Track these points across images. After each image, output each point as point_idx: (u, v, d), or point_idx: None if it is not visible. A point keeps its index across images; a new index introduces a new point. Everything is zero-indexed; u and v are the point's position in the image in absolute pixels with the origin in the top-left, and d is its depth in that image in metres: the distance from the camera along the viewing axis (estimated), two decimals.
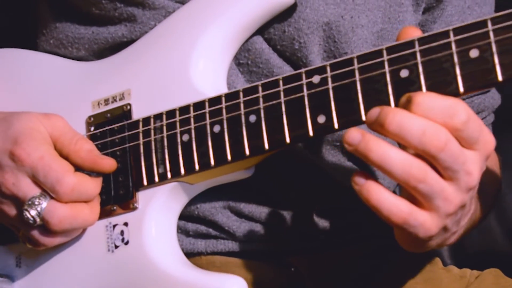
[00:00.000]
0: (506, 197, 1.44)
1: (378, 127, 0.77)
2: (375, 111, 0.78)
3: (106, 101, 1.01)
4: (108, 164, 0.96)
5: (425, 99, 0.77)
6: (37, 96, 1.06)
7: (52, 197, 0.92)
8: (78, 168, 0.95)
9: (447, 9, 1.06)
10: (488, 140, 0.79)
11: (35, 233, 0.94)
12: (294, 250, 1.04)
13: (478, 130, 0.78)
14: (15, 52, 1.10)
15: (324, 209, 1.03)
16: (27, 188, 0.93)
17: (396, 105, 0.81)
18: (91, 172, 0.95)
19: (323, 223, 1.03)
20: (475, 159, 0.79)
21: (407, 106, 0.77)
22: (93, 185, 0.95)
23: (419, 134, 0.76)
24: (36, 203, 0.92)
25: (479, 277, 1.07)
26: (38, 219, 0.92)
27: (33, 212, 0.92)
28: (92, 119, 1.01)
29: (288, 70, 0.99)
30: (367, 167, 1.02)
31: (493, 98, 1.14)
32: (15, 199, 0.93)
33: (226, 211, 1.02)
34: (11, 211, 0.95)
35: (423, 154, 0.77)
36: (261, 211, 1.01)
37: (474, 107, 1.12)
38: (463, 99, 1.10)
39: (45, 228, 0.93)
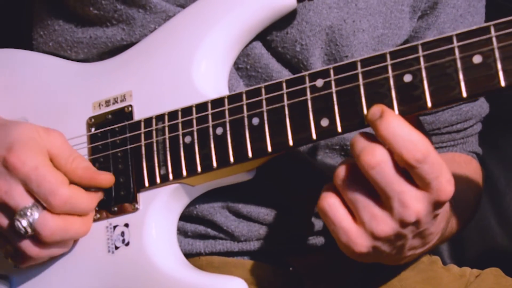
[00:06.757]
0: (506, 197, 1.45)
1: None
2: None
3: (107, 102, 1.01)
4: (106, 179, 0.96)
5: (395, 123, 0.79)
6: (37, 97, 1.06)
7: (44, 208, 0.92)
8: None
9: (440, 16, 1.07)
10: (442, 188, 0.80)
11: (26, 244, 0.94)
12: (293, 249, 1.04)
13: (434, 176, 0.79)
14: (14, 52, 1.09)
15: None
16: (20, 198, 0.92)
17: (400, 110, 0.82)
18: (90, 188, 0.96)
19: (321, 222, 1.04)
20: (419, 197, 0.81)
21: (377, 118, 0.80)
22: (88, 200, 0.95)
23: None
24: (28, 213, 0.91)
25: (479, 276, 1.07)
26: (29, 230, 0.92)
27: (24, 223, 0.91)
28: (92, 120, 1.01)
29: (287, 75, 1.00)
30: None
31: (481, 107, 1.16)
32: (7, 208, 0.93)
33: (225, 211, 1.02)
34: (1, 219, 0.94)
35: None
36: (260, 211, 1.02)
37: (462, 114, 1.13)
38: (452, 107, 1.12)
39: (36, 239, 0.93)
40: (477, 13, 1.11)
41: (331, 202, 0.84)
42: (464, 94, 0.79)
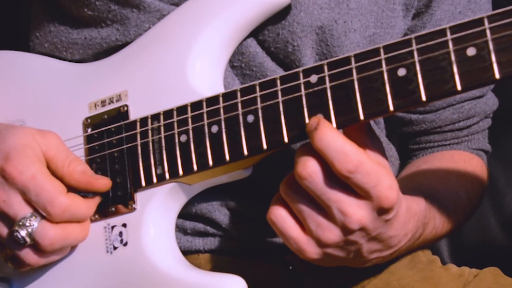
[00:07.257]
0: (506, 197, 1.44)
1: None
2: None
3: (103, 103, 1.01)
4: (103, 183, 0.96)
5: (328, 135, 0.80)
6: (33, 99, 1.06)
7: (43, 217, 0.92)
8: (74, 189, 0.95)
9: (435, 14, 1.07)
10: (382, 196, 0.81)
11: (25, 252, 0.94)
12: None
13: (371, 184, 0.80)
14: (9, 54, 1.09)
15: None
16: (18, 207, 0.92)
17: (395, 104, 0.81)
18: (87, 193, 0.96)
19: None
20: (360, 205, 0.82)
21: (313, 130, 0.81)
22: (86, 207, 0.95)
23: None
24: (27, 224, 0.92)
25: (477, 275, 1.07)
26: (28, 240, 0.92)
27: (23, 233, 0.92)
28: (89, 120, 1.01)
29: (281, 74, 0.99)
30: None
31: (486, 104, 1.15)
32: (6, 217, 0.93)
33: (223, 209, 1.02)
34: (1, 228, 0.94)
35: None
36: (259, 209, 1.01)
37: (464, 112, 1.13)
38: (453, 104, 1.12)
39: (35, 247, 0.93)
40: (480, 10, 1.09)
41: (277, 214, 0.86)
42: (459, 87, 0.78)
